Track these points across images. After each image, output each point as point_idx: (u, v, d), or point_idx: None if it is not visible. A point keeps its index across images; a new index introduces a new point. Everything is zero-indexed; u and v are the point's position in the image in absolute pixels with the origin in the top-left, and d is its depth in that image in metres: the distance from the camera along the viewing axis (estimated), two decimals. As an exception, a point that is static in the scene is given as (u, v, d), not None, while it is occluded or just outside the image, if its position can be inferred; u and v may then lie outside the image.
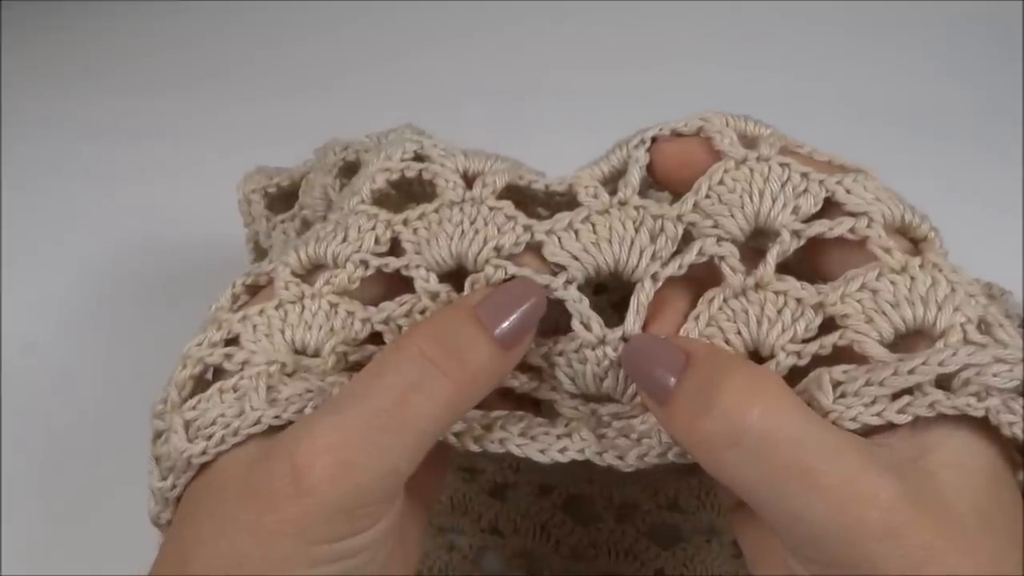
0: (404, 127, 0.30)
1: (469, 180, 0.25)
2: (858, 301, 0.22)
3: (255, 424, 0.22)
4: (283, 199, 0.33)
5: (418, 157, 0.26)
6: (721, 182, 0.23)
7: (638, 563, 0.36)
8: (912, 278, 0.22)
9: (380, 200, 0.26)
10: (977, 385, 0.20)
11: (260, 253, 0.33)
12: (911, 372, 0.20)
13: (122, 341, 0.44)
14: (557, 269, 0.24)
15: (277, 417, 0.22)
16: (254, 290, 0.26)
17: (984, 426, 0.20)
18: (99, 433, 0.41)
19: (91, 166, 0.52)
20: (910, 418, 0.20)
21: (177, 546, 0.21)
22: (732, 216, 0.23)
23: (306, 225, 0.31)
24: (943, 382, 0.21)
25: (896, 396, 0.20)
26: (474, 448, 0.23)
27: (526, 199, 0.26)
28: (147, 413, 0.27)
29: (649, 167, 0.25)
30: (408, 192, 0.27)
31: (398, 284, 0.24)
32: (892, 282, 0.22)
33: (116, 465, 0.40)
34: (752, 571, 0.24)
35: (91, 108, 0.55)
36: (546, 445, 0.23)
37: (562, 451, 0.23)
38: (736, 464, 0.19)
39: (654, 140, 0.25)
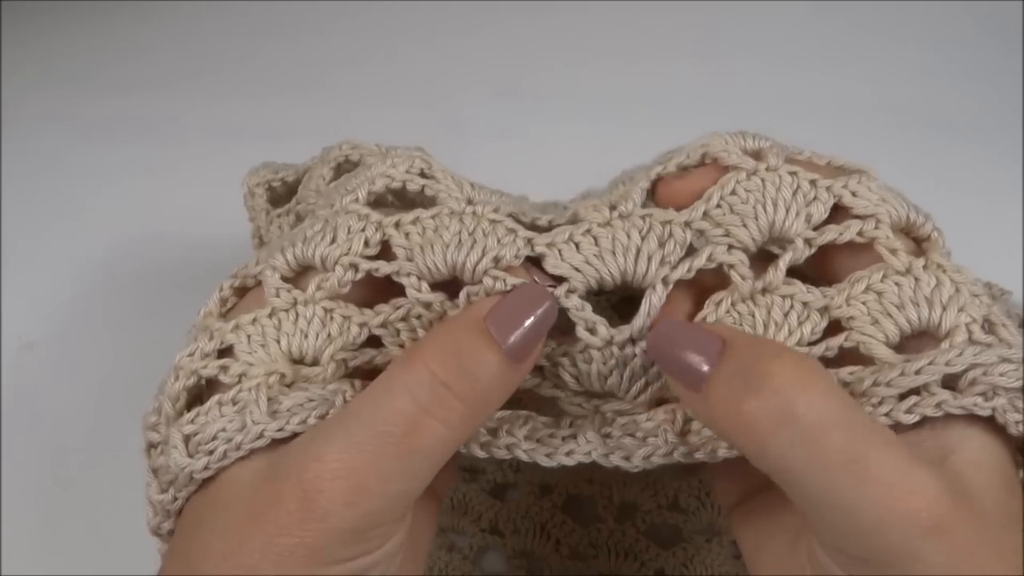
0: (415, 148, 0.29)
1: (472, 206, 0.25)
2: (863, 303, 0.22)
3: (258, 438, 0.21)
4: (286, 194, 0.33)
5: (423, 174, 0.26)
6: (733, 192, 0.23)
7: (638, 563, 0.36)
8: (916, 279, 0.22)
9: (375, 205, 0.26)
10: (984, 385, 0.20)
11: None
12: (918, 372, 0.20)
13: (121, 341, 0.44)
14: (558, 281, 0.23)
15: (280, 430, 0.21)
16: (242, 292, 0.25)
17: (995, 426, 0.21)
18: (98, 433, 0.41)
19: (91, 165, 0.52)
20: (916, 418, 0.20)
21: (183, 561, 0.21)
22: (745, 226, 0.23)
23: (299, 219, 0.31)
24: (950, 382, 0.21)
25: (903, 396, 0.20)
26: (481, 454, 0.23)
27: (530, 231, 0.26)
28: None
29: (654, 198, 0.25)
30: (410, 206, 0.27)
31: (388, 287, 0.24)
32: (897, 283, 0.22)
33: (115, 465, 0.40)
34: (751, 571, 0.24)
35: (91, 108, 0.55)
36: (552, 448, 0.23)
37: (568, 454, 0.22)
38: (783, 447, 0.18)
39: (659, 178, 0.25)
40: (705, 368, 0.20)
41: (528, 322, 0.21)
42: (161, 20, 0.62)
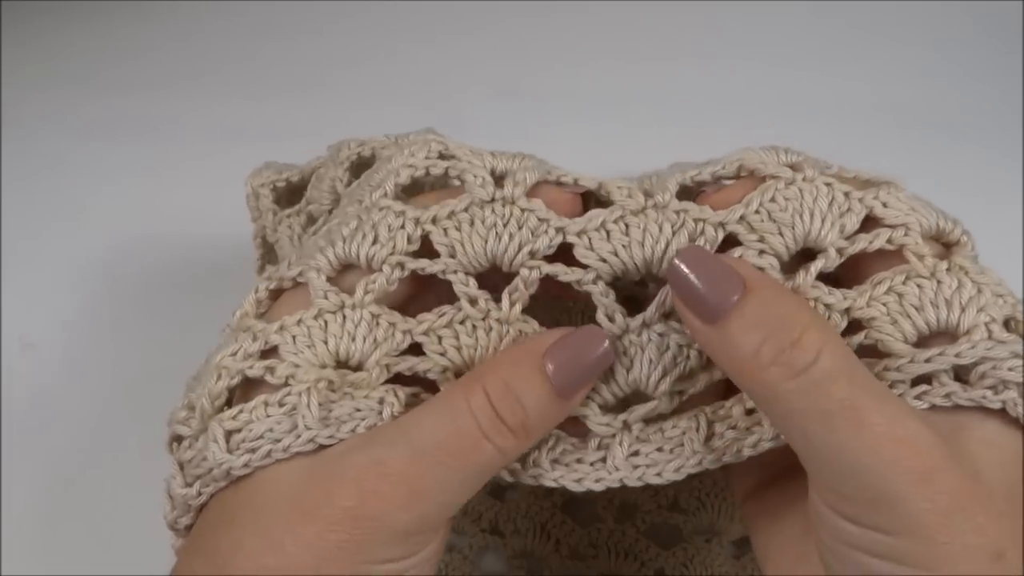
0: (425, 130, 0.30)
1: (497, 178, 0.25)
2: (884, 304, 0.23)
3: (308, 443, 0.22)
4: (291, 194, 0.33)
5: (443, 156, 0.26)
6: (772, 199, 0.24)
7: (638, 563, 0.36)
8: (939, 282, 0.23)
9: (398, 198, 0.26)
10: (993, 379, 0.21)
11: (267, 248, 0.33)
12: (927, 360, 0.21)
13: (122, 341, 0.44)
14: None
15: (331, 437, 0.22)
16: (276, 294, 0.25)
17: (1014, 419, 0.21)
18: (99, 434, 0.41)
19: (91, 165, 0.52)
20: (926, 405, 0.21)
21: (211, 557, 0.21)
22: (780, 235, 0.23)
23: (311, 220, 0.31)
24: (963, 375, 0.22)
25: (916, 385, 0.21)
26: (508, 479, 0.23)
27: None
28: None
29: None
30: (417, 192, 0.27)
31: (424, 282, 0.24)
32: (918, 285, 0.23)
33: (116, 466, 0.40)
34: (761, 562, 0.25)
35: (91, 108, 0.55)
36: (582, 475, 0.23)
37: (598, 481, 0.23)
38: (792, 393, 0.19)
39: (700, 187, 0.25)
40: (723, 304, 0.20)
41: (583, 365, 0.22)
42: (161, 20, 0.62)
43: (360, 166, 0.30)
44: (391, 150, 0.28)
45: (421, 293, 0.25)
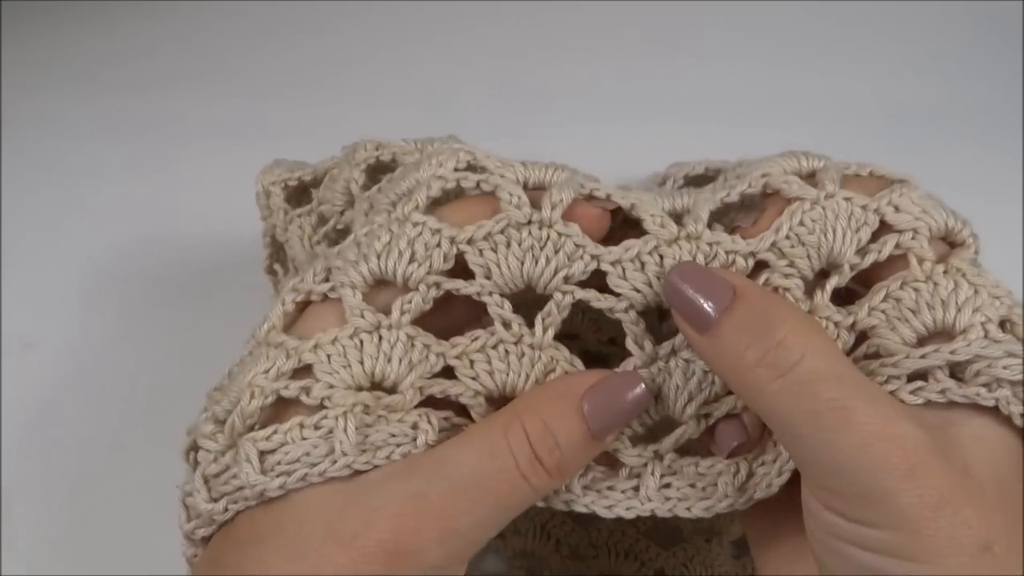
0: (449, 137, 0.29)
1: (530, 191, 0.25)
2: (882, 311, 0.23)
3: (344, 468, 0.22)
4: (299, 194, 0.33)
5: (472, 167, 0.26)
6: (801, 223, 0.24)
7: (638, 563, 0.36)
8: (935, 284, 0.23)
9: (428, 211, 0.25)
10: (987, 376, 0.22)
11: (276, 247, 0.33)
12: (922, 356, 0.22)
13: (122, 342, 0.44)
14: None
15: (367, 463, 0.22)
16: (302, 306, 0.25)
17: (1006, 416, 0.22)
18: (99, 434, 0.41)
19: (91, 165, 0.52)
20: (921, 400, 0.22)
21: (233, 570, 0.21)
22: (808, 257, 0.24)
23: (322, 220, 0.30)
24: (958, 373, 0.22)
25: (911, 381, 0.22)
26: (540, 504, 0.24)
27: None
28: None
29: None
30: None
31: (450, 296, 0.24)
32: (915, 289, 0.23)
33: (116, 466, 0.40)
34: (758, 567, 0.25)
35: (91, 108, 0.55)
36: (613, 502, 0.24)
37: (628, 510, 0.24)
38: (780, 394, 0.20)
39: (729, 209, 0.26)
40: (715, 313, 0.21)
41: (620, 409, 0.23)
42: (161, 20, 0.62)
43: (377, 169, 0.29)
44: (413, 157, 0.28)
45: (444, 308, 0.25)
